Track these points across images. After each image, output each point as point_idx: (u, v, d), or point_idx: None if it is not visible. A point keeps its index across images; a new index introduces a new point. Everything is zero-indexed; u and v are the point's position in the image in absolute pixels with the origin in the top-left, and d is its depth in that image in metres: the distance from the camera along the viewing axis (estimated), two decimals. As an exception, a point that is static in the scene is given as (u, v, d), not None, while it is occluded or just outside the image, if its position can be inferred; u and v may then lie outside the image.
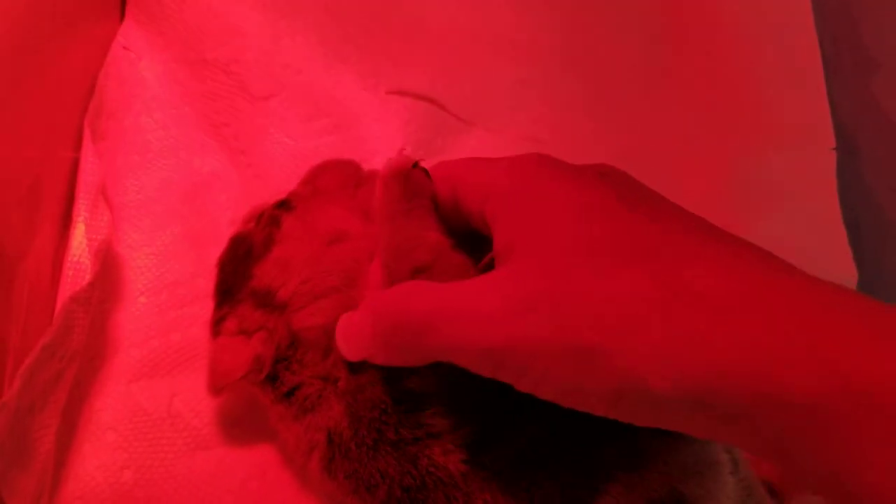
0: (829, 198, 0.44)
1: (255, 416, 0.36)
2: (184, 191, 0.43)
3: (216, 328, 0.34)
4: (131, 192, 0.42)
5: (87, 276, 0.37)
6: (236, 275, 0.34)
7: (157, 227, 0.42)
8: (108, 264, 0.40)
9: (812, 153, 0.45)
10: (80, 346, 0.37)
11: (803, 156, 0.45)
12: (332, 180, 0.37)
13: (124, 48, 0.45)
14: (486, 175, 0.28)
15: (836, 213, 0.43)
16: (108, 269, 0.40)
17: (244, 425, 0.38)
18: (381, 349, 0.27)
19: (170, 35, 0.45)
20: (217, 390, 0.33)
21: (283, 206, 0.36)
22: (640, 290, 0.22)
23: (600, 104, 0.47)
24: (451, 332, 0.24)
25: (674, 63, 0.48)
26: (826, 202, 0.44)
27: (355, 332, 0.28)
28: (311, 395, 0.31)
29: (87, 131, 0.41)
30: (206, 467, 0.37)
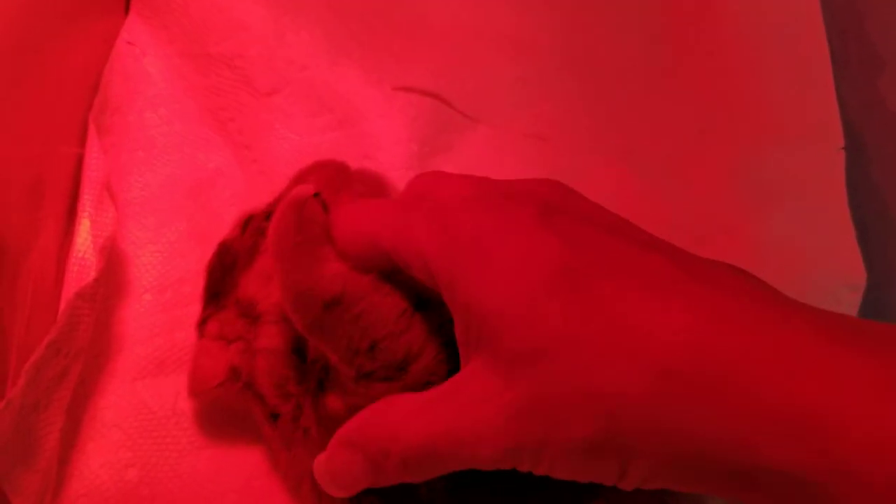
0: (837, 197, 0.43)
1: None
2: (189, 187, 0.43)
3: (200, 329, 0.34)
4: (136, 188, 0.42)
5: (92, 273, 0.37)
6: (224, 282, 0.34)
7: (162, 223, 0.42)
8: (113, 261, 0.40)
9: (820, 152, 0.44)
10: (85, 343, 0.37)
11: (811, 155, 0.45)
12: (316, 185, 0.36)
13: (129, 43, 0.44)
14: (421, 250, 0.25)
15: (844, 212, 0.43)
16: (113, 265, 0.40)
17: (248, 424, 0.37)
18: (385, 480, 0.26)
19: (174, 30, 0.44)
20: (195, 395, 0.33)
21: (270, 217, 0.35)
22: (621, 380, 0.21)
23: (603, 101, 0.47)
24: (457, 454, 0.24)
25: (678, 60, 0.48)
26: (834, 201, 0.43)
27: (345, 472, 0.27)
28: (293, 431, 0.31)
29: (91, 127, 0.41)
30: (210, 466, 0.36)
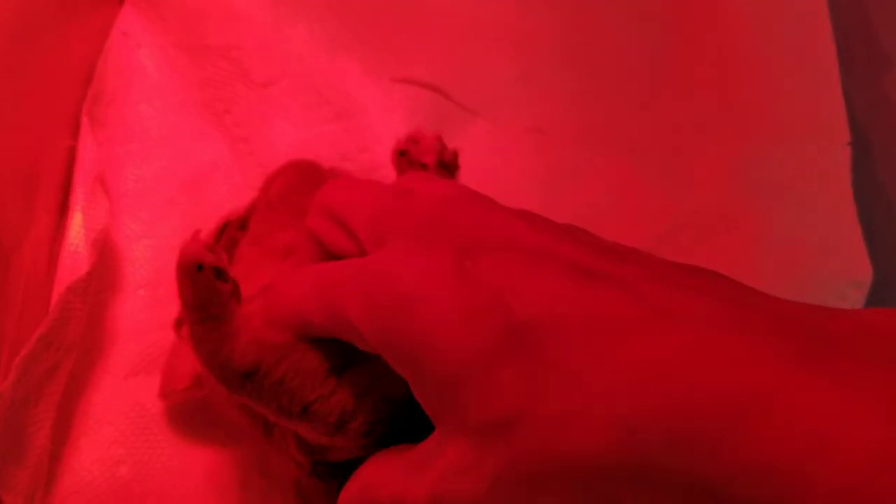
0: (843, 194, 0.43)
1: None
2: (184, 180, 0.42)
3: (177, 328, 0.34)
4: (130, 181, 0.42)
5: (85, 267, 0.36)
6: None
7: (156, 217, 0.41)
8: (106, 255, 0.39)
9: (825, 149, 0.44)
10: (77, 337, 0.36)
11: (816, 151, 0.44)
12: (282, 189, 0.36)
13: (124, 34, 0.44)
14: (356, 327, 0.23)
15: (850, 209, 0.42)
16: (106, 260, 0.39)
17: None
18: None
19: (170, 20, 0.44)
20: (163, 397, 0.33)
21: (242, 227, 0.35)
22: (596, 439, 0.19)
23: (606, 97, 0.46)
24: None
25: (682, 55, 0.47)
26: (840, 199, 0.43)
27: None
28: (282, 442, 0.30)
29: (85, 119, 0.41)
30: (204, 463, 0.36)
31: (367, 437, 0.26)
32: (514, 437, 0.20)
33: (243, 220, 0.35)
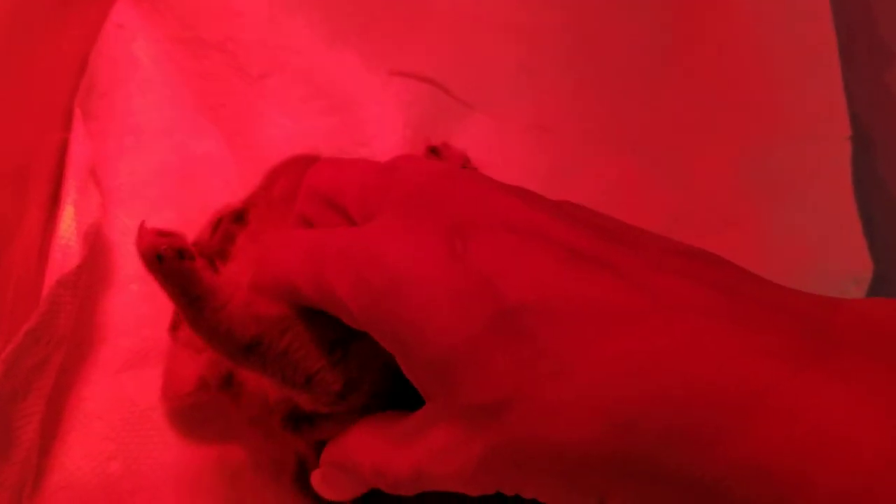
0: (843, 189, 0.43)
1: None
2: (178, 174, 0.41)
3: (173, 333, 0.33)
4: (123, 175, 0.41)
5: (76, 260, 0.36)
6: None
7: (150, 211, 0.41)
8: (98, 249, 0.39)
9: (826, 144, 0.44)
10: (67, 331, 0.35)
11: (817, 147, 0.44)
12: (286, 186, 0.35)
13: (118, 26, 0.43)
14: (343, 301, 0.23)
15: (850, 204, 0.42)
16: (99, 254, 0.39)
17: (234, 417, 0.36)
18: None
19: (165, 13, 0.43)
20: (167, 402, 0.33)
21: (238, 219, 0.34)
22: (587, 426, 0.19)
23: (608, 92, 0.46)
24: (444, 486, 0.22)
25: (685, 50, 0.47)
26: (841, 193, 0.43)
27: (339, 488, 0.27)
28: (270, 426, 0.30)
29: (77, 111, 0.40)
30: (196, 459, 0.35)
31: (367, 409, 0.26)
32: (504, 422, 0.20)
33: (239, 213, 0.35)
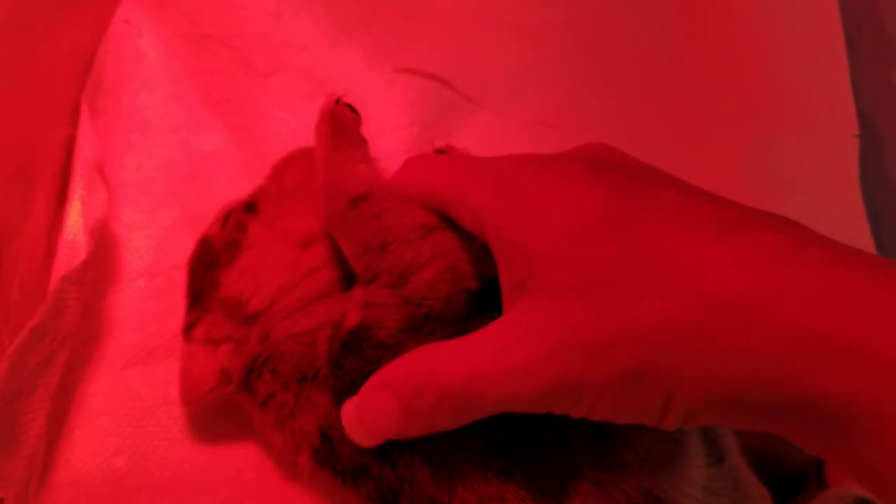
0: (850, 187, 0.42)
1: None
2: (184, 170, 0.41)
3: (187, 333, 0.33)
4: (129, 170, 0.41)
5: (82, 256, 0.36)
6: (204, 281, 0.33)
7: (155, 207, 0.41)
8: (105, 245, 0.39)
9: (833, 141, 0.43)
10: (73, 327, 0.35)
11: (824, 144, 0.44)
12: (298, 175, 0.36)
13: (125, 22, 0.43)
14: (475, 198, 0.27)
15: (857, 202, 0.42)
16: (105, 249, 0.39)
17: (240, 416, 0.36)
18: (416, 426, 0.26)
19: (171, 9, 0.43)
20: (187, 403, 0.33)
21: (249, 209, 0.34)
22: (666, 309, 0.22)
23: (612, 89, 0.46)
24: (496, 393, 0.24)
25: (690, 46, 0.47)
26: (848, 191, 0.42)
27: (374, 416, 0.27)
28: (288, 402, 0.30)
29: (84, 107, 0.40)
30: (201, 456, 0.35)
31: (421, 306, 0.28)
32: (590, 301, 0.23)
33: (250, 203, 0.35)
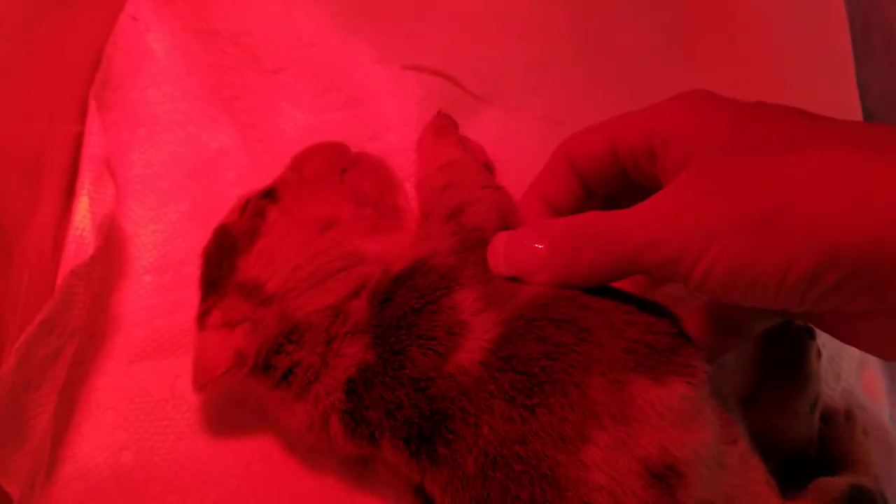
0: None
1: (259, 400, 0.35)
2: (191, 166, 0.41)
3: (201, 321, 0.33)
4: (138, 166, 0.41)
5: (90, 251, 0.36)
6: (221, 268, 0.33)
7: (163, 203, 0.41)
8: (113, 240, 0.39)
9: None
10: (80, 322, 0.35)
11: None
12: (319, 166, 0.36)
13: (133, 19, 0.43)
14: (649, 120, 0.30)
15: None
16: (113, 245, 0.39)
17: (248, 408, 0.36)
18: (562, 268, 0.29)
19: (180, 5, 0.43)
20: (200, 387, 0.32)
21: (268, 196, 0.35)
22: (816, 162, 0.24)
23: (620, 85, 0.46)
24: (640, 234, 0.27)
25: (697, 44, 0.47)
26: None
27: (523, 254, 0.30)
28: (314, 363, 0.31)
29: (92, 103, 0.40)
30: (209, 450, 0.35)
31: (473, 232, 0.32)
32: (744, 159, 0.26)
33: (269, 190, 0.35)
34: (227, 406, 0.36)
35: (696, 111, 0.29)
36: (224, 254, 0.34)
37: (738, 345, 0.35)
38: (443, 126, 0.40)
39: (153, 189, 0.41)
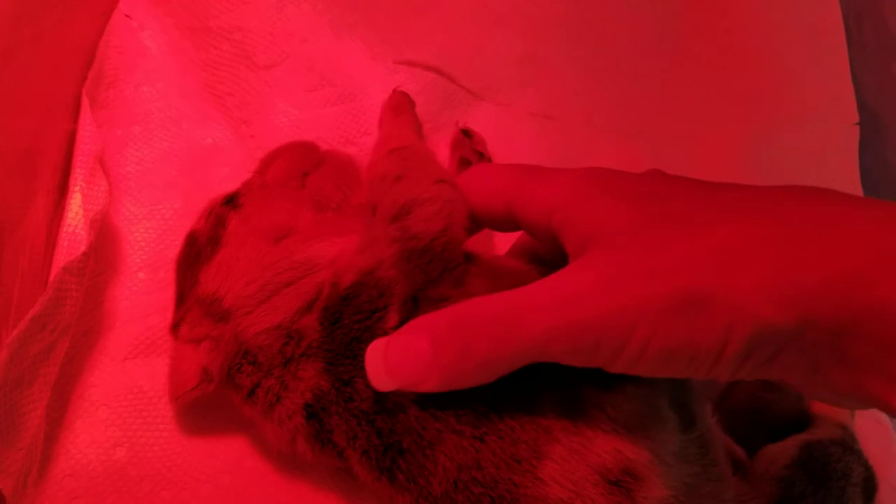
0: (850, 176, 0.42)
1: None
2: (185, 163, 0.41)
3: (174, 331, 0.33)
4: (131, 163, 0.41)
5: (82, 247, 0.36)
6: (186, 279, 0.33)
7: (157, 200, 0.41)
8: (106, 237, 0.39)
9: (833, 130, 0.43)
10: (73, 318, 0.35)
11: (825, 135, 0.44)
12: (281, 170, 0.36)
13: (126, 16, 0.43)
14: (550, 198, 0.27)
15: (857, 189, 0.42)
16: (106, 241, 0.39)
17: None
18: (450, 368, 0.25)
19: (173, 2, 0.43)
20: (174, 400, 0.32)
21: (230, 202, 0.34)
22: (727, 239, 0.23)
23: (613, 80, 0.46)
24: (544, 319, 0.24)
25: (692, 38, 0.47)
26: (848, 181, 0.42)
27: (403, 358, 0.26)
28: (273, 386, 0.30)
29: (85, 100, 0.40)
30: (202, 446, 0.35)
31: (417, 239, 0.29)
32: (655, 232, 0.24)
33: (230, 197, 0.34)
34: (219, 403, 0.36)
35: (599, 187, 0.27)
36: (190, 263, 0.33)
37: None
38: (399, 104, 0.39)
39: (147, 186, 0.41)
